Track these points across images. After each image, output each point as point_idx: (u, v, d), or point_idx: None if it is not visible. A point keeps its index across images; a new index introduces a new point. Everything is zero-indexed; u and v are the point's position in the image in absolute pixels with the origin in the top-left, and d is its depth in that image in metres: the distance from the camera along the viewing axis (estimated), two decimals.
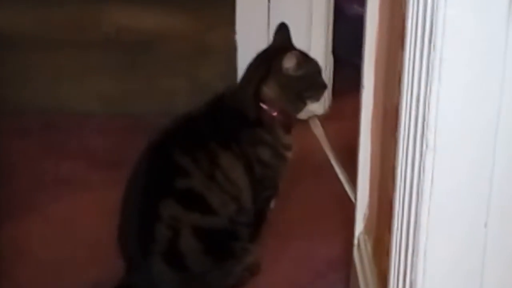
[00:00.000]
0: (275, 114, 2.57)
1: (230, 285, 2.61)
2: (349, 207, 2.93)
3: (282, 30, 2.71)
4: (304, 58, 2.63)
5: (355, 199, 2.51)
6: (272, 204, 2.72)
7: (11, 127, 3.52)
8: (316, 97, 2.72)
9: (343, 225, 2.92)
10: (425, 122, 1.41)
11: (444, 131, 1.40)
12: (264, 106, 2.56)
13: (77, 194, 3.18)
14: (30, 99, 3.66)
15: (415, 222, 1.50)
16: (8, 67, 3.60)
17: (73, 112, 3.66)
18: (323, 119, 3.74)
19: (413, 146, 1.51)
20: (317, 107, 3.64)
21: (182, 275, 2.49)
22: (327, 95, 3.68)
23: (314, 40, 3.66)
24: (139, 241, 2.46)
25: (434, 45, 1.35)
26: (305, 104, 2.68)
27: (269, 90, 2.57)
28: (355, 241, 2.52)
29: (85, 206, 3.11)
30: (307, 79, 2.63)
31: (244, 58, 3.46)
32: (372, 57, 2.32)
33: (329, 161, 3.42)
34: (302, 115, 3.52)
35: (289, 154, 2.66)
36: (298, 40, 2.78)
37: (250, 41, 3.54)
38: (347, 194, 3.18)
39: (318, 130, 3.65)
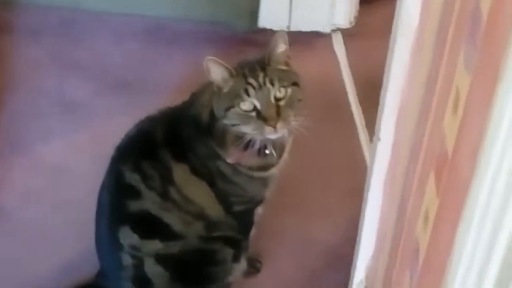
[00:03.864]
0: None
1: None
2: (360, 167, 1.93)
3: None
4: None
5: (358, 241, 1.45)
6: (260, 210, 1.65)
7: (26, 25, 2.42)
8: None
9: (349, 193, 1.90)
10: None
11: None
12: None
13: (73, 128, 2.11)
14: None
15: None
16: None
17: (88, 9, 2.49)
18: (347, 34, 2.48)
19: None
20: (341, 19, 2.47)
21: None
22: (353, 3, 2.47)
23: None
24: (109, 264, 1.59)
25: None
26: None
27: None
28: (353, 287, 1.49)
29: (81, 146, 2.05)
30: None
31: None
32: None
33: (346, 95, 2.25)
34: (325, 27, 2.46)
35: (265, 174, 1.56)
36: None
37: None
38: (360, 145, 2.09)
39: (340, 48, 2.43)
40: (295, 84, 1.47)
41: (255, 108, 1.43)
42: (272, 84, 1.43)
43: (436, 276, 0.86)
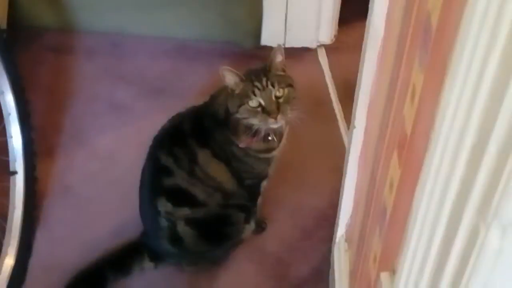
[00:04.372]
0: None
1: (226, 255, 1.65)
2: (340, 149, 1.89)
3: None
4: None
5: (339, 205, 1.43)
6: (265, 183, 1.63)
7: (83, 46, 2.39)
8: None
9: (332, 170, 1.86)
10: None
11: None
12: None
13: (120, 124, 2.08)
14: (98, 22, 2.44)
15: None
16: None
17: (131, 33, 2.44)
18: (329, 49, 2.44)
19: None
20: (324, 38, 2.44)
21: (184, 252, 1.58)
22: (333, 25, 2.43)
23: None
24: (150, 226, 1.58)
25: None
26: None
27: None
28: (336, 240, 1.47)
29: (127, 137, 2.02)
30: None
31: (268, 2, 2.34)
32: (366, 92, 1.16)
33: (329, 95, 2.22)
34: (312, 44, 2.43)
35: (268, 155, 1.54)
36: None
37: None
38: (340, 132, 2.06)
39: (323, 60, 2.39)
40: (290, 85, 1.44)
41: (260, 105, 1.41)
42: (273, 86, 1.41)
43: (399, 230, 0.85)
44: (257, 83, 1.41)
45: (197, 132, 1.48)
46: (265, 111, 1.40)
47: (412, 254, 0.72)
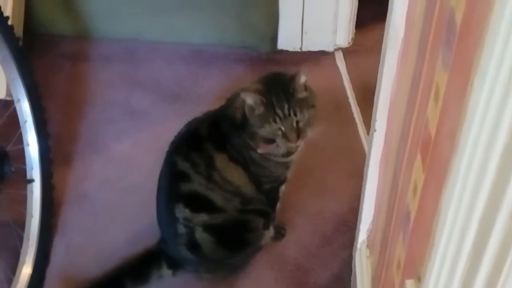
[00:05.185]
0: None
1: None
2: (360, 153, 1.88)
3: None
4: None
5: (360, 210, 1.40)
6: (283, 188, 1.61)
7: (99, 53, 2.38)
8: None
9: (352, 174, 1.84)
10: None
11: None
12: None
13: (137, 130, 2.07)
14: (114, 28, 2.43)
15: None
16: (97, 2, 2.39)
17: (147, 39, 2.43)
18: (346, 52, 2.40)
19: None
20: (341, 41, 2.41)
21: (202, 259, 1.56)
22: (351, 28, 2.41)
23: None
24: (168, 233, 1.56)
25: None
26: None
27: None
28: (357, 246, 1.44)
29: (144, 144, 2.00)
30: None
31: (284, 6, 2.31)
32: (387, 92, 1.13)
33: (347, 98, 2.19)
34: (329, 47, 2.40)
35: (287, 159, 1.51)
36: None
37: None
38: (359, 136, 2.02)
39: (341, 63, 2.36)
40: (312, 106, 1.43)
41: (280, 129, 1.40)
42: (295, 114, 1.39)
43: (424, 235, 0.82)
44: (278, 111, 1.38)
45: (214, 136, 1.47)
46: (285, 136, 1.40)
47: (440, 261, 0.69)
